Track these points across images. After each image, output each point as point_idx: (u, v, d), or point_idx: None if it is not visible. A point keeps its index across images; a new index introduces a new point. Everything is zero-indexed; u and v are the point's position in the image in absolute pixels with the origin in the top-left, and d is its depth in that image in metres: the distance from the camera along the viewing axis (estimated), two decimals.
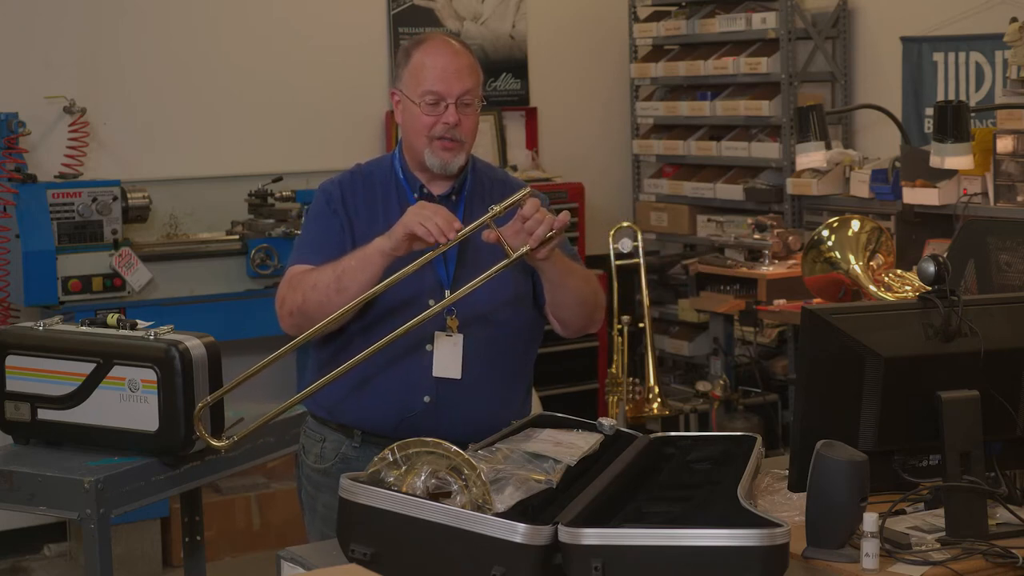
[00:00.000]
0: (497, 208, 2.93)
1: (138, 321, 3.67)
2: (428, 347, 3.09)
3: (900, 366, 2.67)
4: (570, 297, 3.12)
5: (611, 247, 6.01)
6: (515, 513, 2.48)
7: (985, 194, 5.23)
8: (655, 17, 6.94)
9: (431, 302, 3.06)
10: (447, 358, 3.08)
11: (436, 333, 3.07)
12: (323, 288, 3.01)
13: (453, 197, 3.16)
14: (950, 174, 5.26)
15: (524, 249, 2.91)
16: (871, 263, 4.93)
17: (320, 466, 3.20)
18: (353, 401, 3.12)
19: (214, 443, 3.12)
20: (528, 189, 2.99)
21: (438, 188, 3.16)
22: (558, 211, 3.11)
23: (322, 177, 3.40)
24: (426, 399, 3.08)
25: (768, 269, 5.75)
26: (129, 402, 3.52)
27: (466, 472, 2.52)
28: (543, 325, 3.24)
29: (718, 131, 6.65)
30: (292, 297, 3.07)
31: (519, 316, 3.17)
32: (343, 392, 3.13)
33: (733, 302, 5.85)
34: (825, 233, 5.01)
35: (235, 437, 3.14)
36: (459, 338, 3.08)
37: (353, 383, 3.11)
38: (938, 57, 5.91)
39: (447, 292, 3.07)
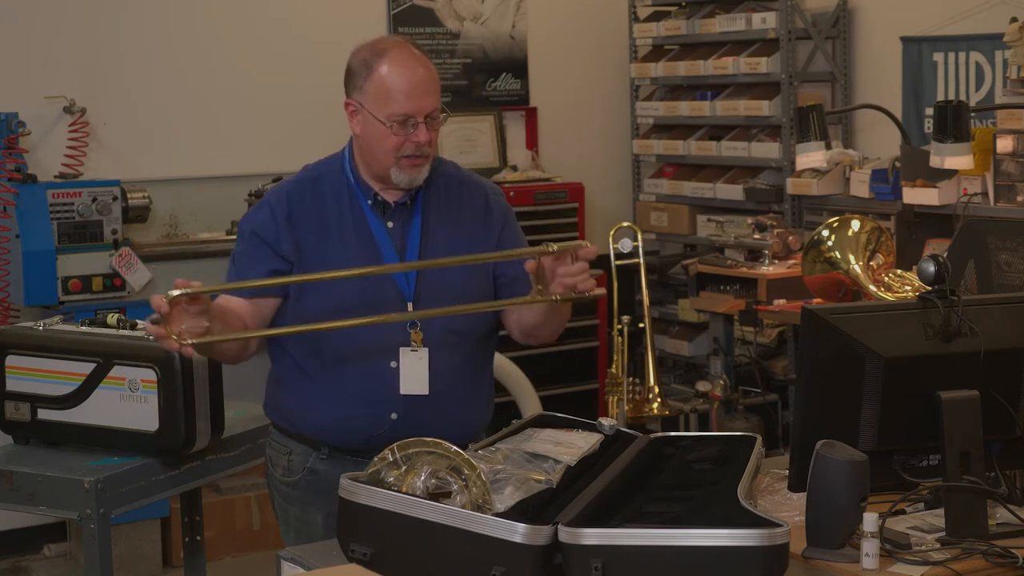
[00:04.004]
0: (554, 247, 2.78)
1: (138, 321, 3.67)
2: (393, 364, 3.01)
3: (900, 366, 2.66)
4: (549, 327, 3.10)
5: (611, 247, 6.00)
6: (515, 513, 2.48)
7: (985, 194, 5.23)
8: (655, 17, 6.95)
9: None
10: (414, 374, 3.01)
11: (401, 349, 3.00)
12: None
13: (408, 203, 3.08)
14: (950, 174, 5.26)
15: (555, 298, 2.81)
16: (871, 263, 4.93)
17: (289, 479, 3.13)
18: (318, 418, 3.05)
19: None
20: (587, 245, 2.82)
21: (392, 196, 3.07)
22: (557, 211, 3.11)
23: None
24: (393, 416, 3.01)
25: (768, 269, 5.75)
26: (129, 402, 3.52)
27: (466, 472, 2.52)
28: (499, 328, 3.20)
29: (718, 131, 6.65)
30: None
31: (481, 324, 3.12)
32: (308, 406, 3.06)
33: (733, 302, 5.84)
34: (825, 233, 5.01)
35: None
36: (424, 352, 3.00)
37: (318, 399, 3.04)
38: (938, 57, 5.91)
39: (409, 305, 3.01)
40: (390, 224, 3.06)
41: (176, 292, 2.67)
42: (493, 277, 3.12)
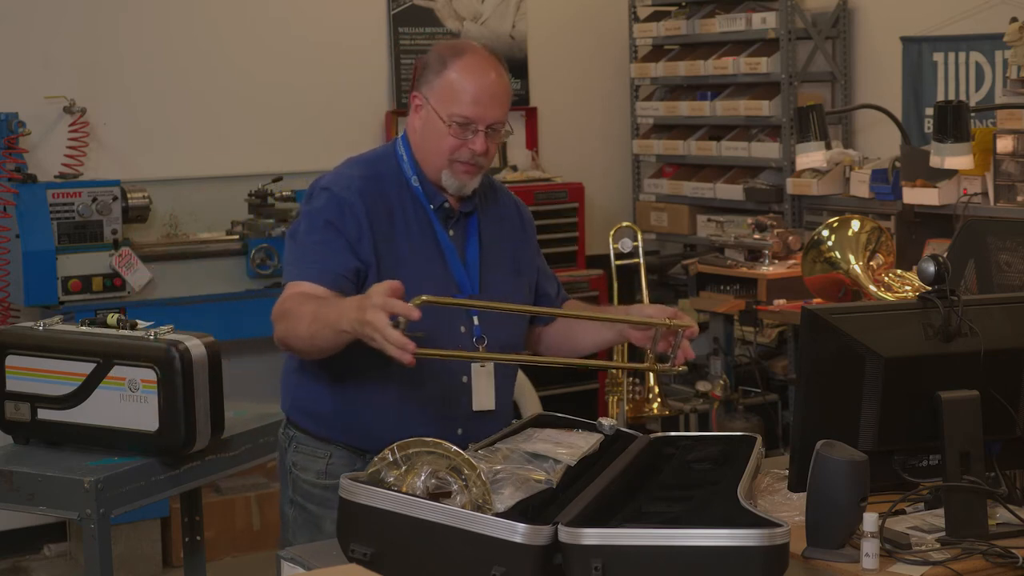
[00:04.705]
0: (669, 322, 3.00)
1: (138, 321, 3.67)
2: (464, 379, 2.98)
3: (900, 366, 2.66)
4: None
5: (611, 247, 6.00)
6: (515, 513, 2.48)
7: (985, 194, 5.23)
8: (655, 17, 6.95)
9: (462, 329, 2.97)
10: (483, 390, 2.99)
11: (473, 364, 2.96)
12: (302, 337, 2.83)
13: (467, 213, 3.06)
14: (950, 174, 5.26)
15: (673, 369, 3.04)
16: (871, 263, 4.93)
17: (328, 482, 2.99)
18: (374, 427, 2.95)
19: None
20: (693, 325, 3.06)
21: (456, 203, 3.03)
22: (557, 211, 3.11)
23: None
24: (459, 431, 2.96)
25: (768, 269, 5.75)
26: (129, 402, 3.52)
27: (466, 472, 2.52)
28: None
29: (718, 131, 6.65)
30: (279, 326, 2.87)
31: (522, 338, 3.15)
32: (361, 414, 2.97)
33: (733, 302, 5.84)
34: (825, 233, 5.01)
35: None
36: (491, 367, 2.99)
37: (377, 408, 2.96)
38: (938, 57, 5.91)
39: (474, 319, 2.97)
40: (451, 232, 3.02)
41: (421, 299, 2.63)
42: (535, 295, 3.18)
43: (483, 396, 3.00)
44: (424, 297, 2.65)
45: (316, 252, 2.92)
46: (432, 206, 3.01)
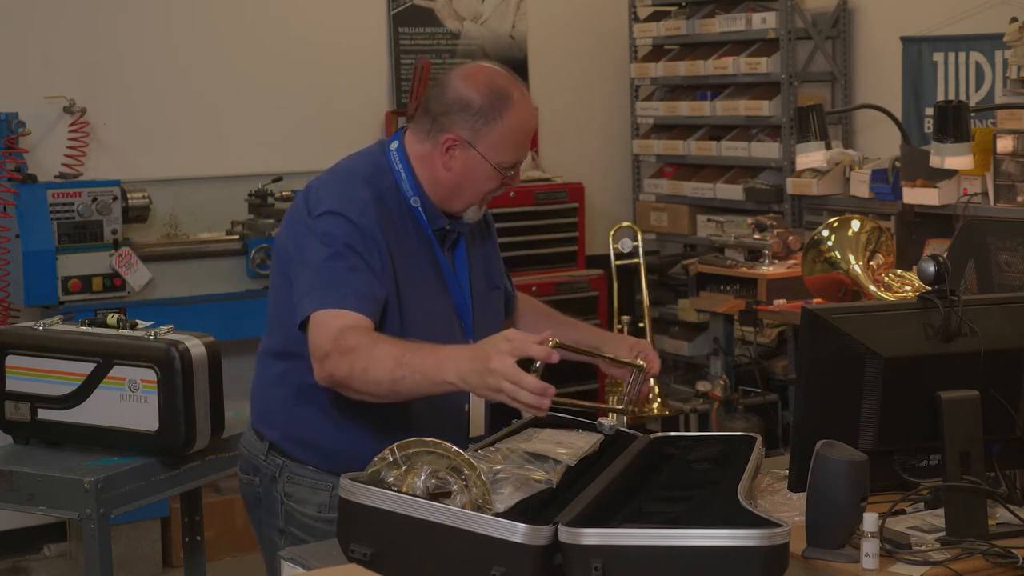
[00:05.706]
0: (641, 364, 3.00)
1: (138, 321, 3.67)
2: (466, 407, 2.96)
3: (900, 366, 2.66)
4: None
5: (611, 247, 6.00)
6: (515, 513, 2.47)
7: (985, 194, 5.23)
8: (655, 17, 6.95)
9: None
10: (478, 416, 2.98)
11: (471, 393, 2.83)
12: (378, 382, 2.66)
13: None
14: (950, 174, 5.26)
15: (627, 409, 3.04)
16: (871, 263, 4.93)
17: (332, 515, 2.76)
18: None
19: None
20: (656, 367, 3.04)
21: (455, 224, 2.99)
22: (557, 211, 3.09)
23: None
24: None
25: (768, 269, 5.75)
26: (129, 402, 3.52)
27: (466, 472, 2.52)
28: None
29: (718, 131, 6.65)
30: (339, 364, 2.67)
31: None
32: (364, 446, 2.79)
33: (733, 302, 5.84)
34: (825, 233, 5.01)
35: None
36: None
37: (378, 440, 2.77)
38: (938, 57, 5.91)
39: (470, 340, 2.90)
40: (446, 253, 2.99)
41: (552, 342, 2.56)
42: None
43: (478, 423, 3.00)
44: (555, 340, 2.55)
45: (345, 277, 2.76)
46: (432, 228, 2.94)
